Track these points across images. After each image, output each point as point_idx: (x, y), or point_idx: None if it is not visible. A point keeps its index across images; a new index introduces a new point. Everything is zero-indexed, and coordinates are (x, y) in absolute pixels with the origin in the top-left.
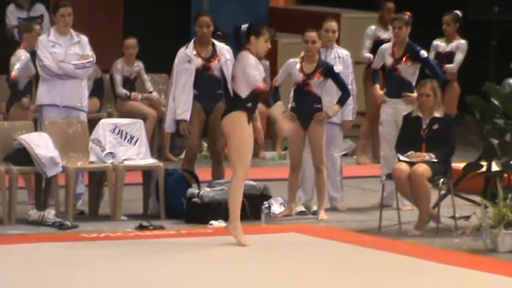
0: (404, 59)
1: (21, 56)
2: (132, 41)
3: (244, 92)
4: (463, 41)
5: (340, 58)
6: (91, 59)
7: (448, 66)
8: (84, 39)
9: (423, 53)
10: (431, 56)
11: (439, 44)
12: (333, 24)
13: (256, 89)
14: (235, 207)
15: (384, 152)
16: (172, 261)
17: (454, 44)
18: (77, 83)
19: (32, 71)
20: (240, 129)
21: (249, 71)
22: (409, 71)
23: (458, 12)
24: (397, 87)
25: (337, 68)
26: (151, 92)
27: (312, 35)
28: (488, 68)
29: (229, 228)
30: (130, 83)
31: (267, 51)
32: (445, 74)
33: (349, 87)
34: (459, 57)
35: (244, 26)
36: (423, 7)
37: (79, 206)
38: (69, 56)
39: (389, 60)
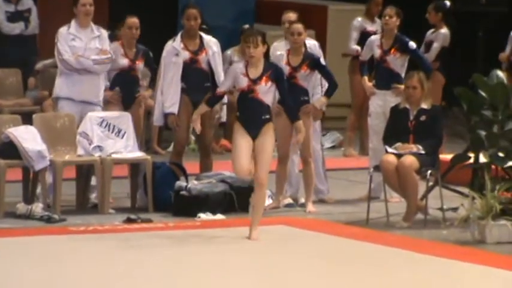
0: (392, 50)
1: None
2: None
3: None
4: (442, 31)
5: (309, 48)
6: (110, 55)
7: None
8: (104, 33)
9: (412, 44)
10: (422, 46)
11: (428, 34)
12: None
13: None
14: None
15: (373, 144)
16: (160, 254)
17: (435, 33)
18: (95, 78)
19: (119, 63)
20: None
21: None
22: (397, 63)
23: (443, 2)
24: (386, 78)
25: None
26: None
27: (298, 26)
28: (475, 60)
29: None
30: None
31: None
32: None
33: (318, 76)
34: (435, 46)
35: None
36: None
37: (93, 199)
38: (88, 50)
39: (377, 52)
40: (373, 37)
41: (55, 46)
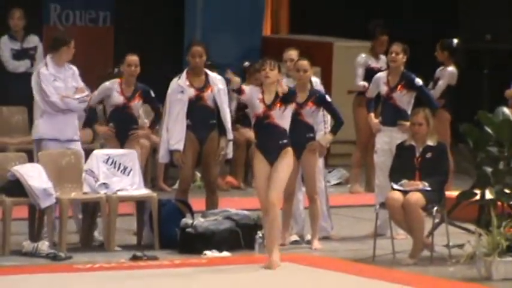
0: (399, 87)
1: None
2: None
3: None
4: (449, 69)
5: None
6: (87, 92)
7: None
8: (75, 70)
9: (418, 81)
10: (431, 83)
11: (437, 71)
12: (304, 63)
13: None
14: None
15: (379, 181)
16: None
17: (442, 71)
18: (73, 116)
19: (114, 100)
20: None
21: None
22: (404, 100)
23: (450, 40)
24: (392, 115)
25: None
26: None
27: (304, 63)
28: (481, 96)
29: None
30: None
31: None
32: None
33: (321, 113)
34: (440, 83)
35: None
36: (417, 39)
37: (98, 236)
38: (68, 90)
39: (384, 89)
40: (379, 74)
41: (36, 86)
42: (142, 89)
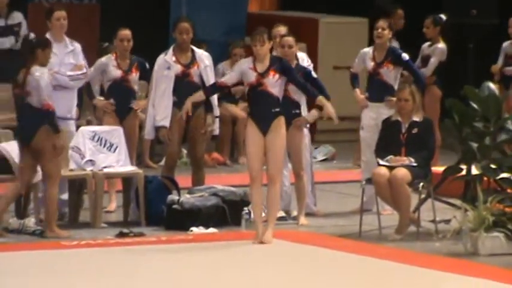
0: (386, 63)
1: None
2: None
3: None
4: (440, 45)
5: (300, 60)
6: (84, 70)
7: (421, 70)
8: (78, 47)
9: (405, 55)
10: (418, 59)
11: (424, 47)
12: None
13: None
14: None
15: (365, 157)
16: (153, 268)
17: (432, 47)
18: (69, 94)
19: (112, 74)
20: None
21: None
22: (391, 75)
23: (440, 15)
24: (379, 91)
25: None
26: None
27: (288, 39)
28: (466, 72)
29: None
30: None
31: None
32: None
33: None
34: (432, 60)
35: None
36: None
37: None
38: (63, 66)
39: (370, 64)
40: (365, 49)
41: None
42: (138, 62)
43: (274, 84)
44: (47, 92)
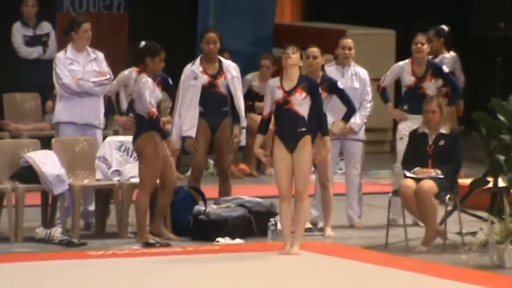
0: (428, 76)
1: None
2: None
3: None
4: (447, 55)
5: (357, 75)
6: (108, 76)
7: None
8: (100, 55)
9: (445, 68)
10: None
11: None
12: (349, 41)
13: None
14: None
15: (398, 168)
16: (179, 278)
17: (437, 59)
18: (95, 100)
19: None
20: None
21: None
22: (432, 88)
23: (442, 27)
24: (420, 103)
25: (341, 83)
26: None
27: (314, 50)
28: (494, 84)
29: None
30: None
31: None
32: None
33: (368, 104)
34: (457, 72)
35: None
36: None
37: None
38: (86, 73)
39: (410, 79)
40: (401, 64)
41: (53, 71)
42: (161, 77)
43: (301, 102)
44: (150, 99)
